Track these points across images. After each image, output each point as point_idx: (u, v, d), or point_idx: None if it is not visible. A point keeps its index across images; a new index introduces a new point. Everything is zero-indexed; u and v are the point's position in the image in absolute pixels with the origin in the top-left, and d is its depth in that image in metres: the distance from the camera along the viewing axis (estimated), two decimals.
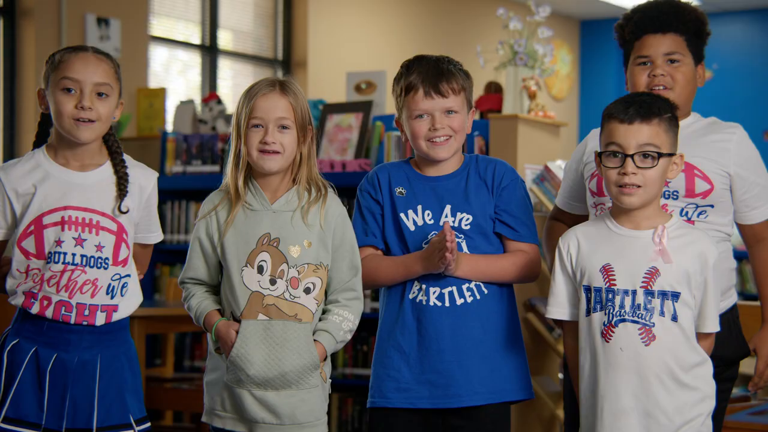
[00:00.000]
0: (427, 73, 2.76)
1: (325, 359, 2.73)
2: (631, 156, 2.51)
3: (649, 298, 2.50)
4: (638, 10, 2.95)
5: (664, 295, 2.50)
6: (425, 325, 2.75)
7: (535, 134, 4.99)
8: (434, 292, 2.75)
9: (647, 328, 2.49)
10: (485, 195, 2.79)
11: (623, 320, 2.51)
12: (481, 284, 2.76)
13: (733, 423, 2.67)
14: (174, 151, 5.58)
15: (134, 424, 2.65)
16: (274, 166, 2.70)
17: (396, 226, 2.81)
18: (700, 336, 2.56)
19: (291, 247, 2.68)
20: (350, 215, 2.82)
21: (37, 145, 2.71)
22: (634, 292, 2.51)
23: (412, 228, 2.78)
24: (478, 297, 2.76)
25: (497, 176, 2.80)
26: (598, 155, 2.58)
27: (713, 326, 2.56)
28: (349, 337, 2.77)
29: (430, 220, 2.78)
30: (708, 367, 2.56)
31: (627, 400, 2.50)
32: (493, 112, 5.10)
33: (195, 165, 5.52)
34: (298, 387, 2.67)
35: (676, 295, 2.51)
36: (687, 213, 2.78)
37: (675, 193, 2.80)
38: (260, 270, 2.68)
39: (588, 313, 2.56)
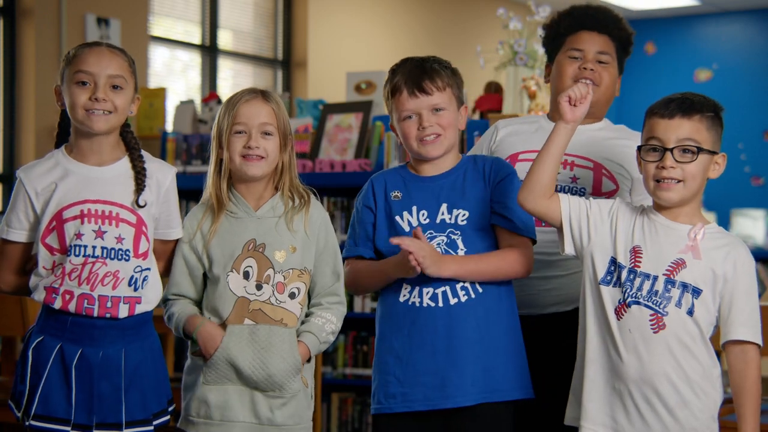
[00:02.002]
0: (410, 73, 2.76)
1: (309, 360, 2.73)
2: (671, 150, 2.50)
3: (669, 287, 2.50)
4: (577, 7, 3.04)
5: (684, 287, 2.49)
6: (419, 326, 2.73)
7: None
8: (427, 293, 2.73)
9: (659, 315, 2.49)
10: (481, 189, 2.77)
11: (637, 303, 2.50)
12: (476, 284, 2.74)
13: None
14: (174, 151, 5.58)
15: (152, 419, 2.67)
16: (258, 171, 2.70)
17: (392, 230, 2.79)
18: (731, 345, 2.51)
19: (276, 252, 2.69)
20: (348, 216, 2.83)
21: (58, 141, 2.73)
22: (655, 278, 2.51)
23: (407, 229, 2.77)
24: (473, 296, 2.73)
25: (494, 169, 2.80)
26: (638, 149, 2.58)
27: (746, 333, 2.50)
28: (332, 338, 2.77)
29: (425, 219, 2.76)
30: (717, 371, 2.54)
31: (629, 381, 2.50)
32: (493, 112, 5.10)
33: (195, 165, 5.52)
34: (281, 391, 2.68)
35: (697, 291, 2.49)
36: None
37: (582, 190, 2.90)
38: (246, 275, 2.68)
39: (606, 283, 2.55)
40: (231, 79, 7.98)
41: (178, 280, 2.75)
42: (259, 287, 2.68)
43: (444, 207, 2.77)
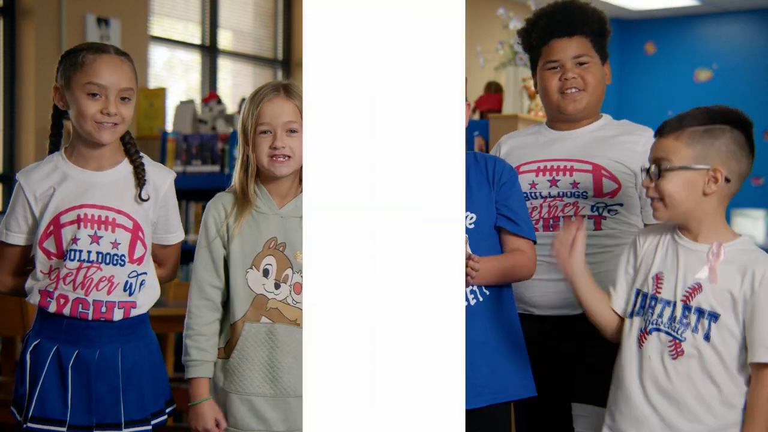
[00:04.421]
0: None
1: None
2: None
3: (686, 312, 2.44)
4: (542, 15, 2.99)
5: (700, 312, 2.43)
6: None
7: None
8: None
9: (677, 342, 2.44)
10: (487, 191, 2.76)
11: (657, 329, 2.46)
12: (483, 286, 2.74)
13: None
14: (174, 151, 5.58)
15: (150, 419, 2.67)
16: (286, 170, 2.68)
17: None
18: (755, 368, 2.40)
19: (297, 253, 2.68)
20: None
21: (53, 138, 2.72)
22: (674, 304, 2.45)
23: None
24: (481, 299, 2.74)
25: (497, 171, 2.78)
26: (646, 171, 2.51)
27: (765, 355, 2.38)
28: None
29: None
30: (743, 399, 2.43)
31: (647, 408, 2.46)
32: (493, 112, 5.11)
33: (195, 165, 5.52)
34: (295, 393, 2.67)
35: (713, 316, 2.42)
36: (598, 209, 2.86)
37: (584, 193, 2.89)
38: (265, 273, 2.67)
39: (633, 315, 2.52)
40: (231, 79, 7.98)
41: (202, 276, 2.68)
42: (277, 286, 2.67)
43: None
